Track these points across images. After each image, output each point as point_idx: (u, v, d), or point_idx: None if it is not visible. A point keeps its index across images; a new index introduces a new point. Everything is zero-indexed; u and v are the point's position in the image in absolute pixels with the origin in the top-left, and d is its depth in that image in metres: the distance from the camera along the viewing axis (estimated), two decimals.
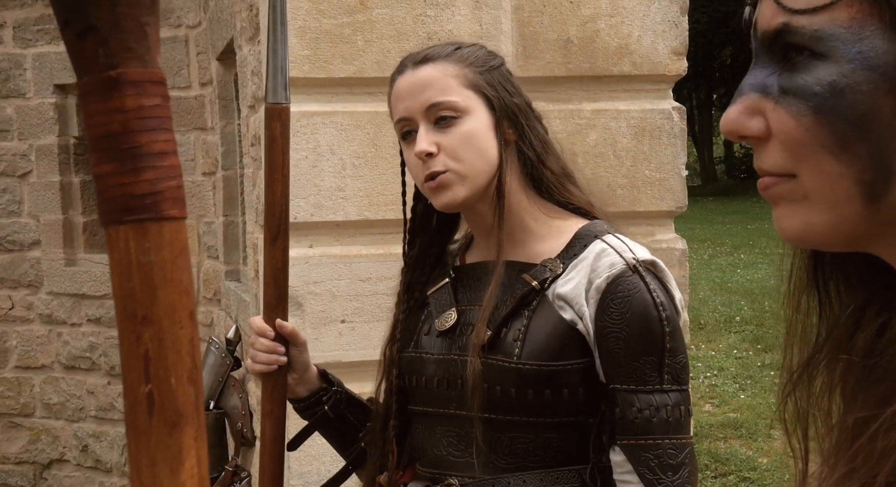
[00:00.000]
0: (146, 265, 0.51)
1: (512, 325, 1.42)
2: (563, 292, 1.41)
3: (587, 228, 1.46)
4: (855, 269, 0.67)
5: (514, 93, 1.49)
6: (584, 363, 1.40)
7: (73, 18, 0.50)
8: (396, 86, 1.50)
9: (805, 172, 0.61)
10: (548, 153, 1.50)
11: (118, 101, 0.50)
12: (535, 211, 1.48)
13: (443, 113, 1.44)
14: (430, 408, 1.50)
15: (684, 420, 1.38)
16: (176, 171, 0.52)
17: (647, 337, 1.36)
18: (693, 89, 29.29)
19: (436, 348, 1.51)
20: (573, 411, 1.41)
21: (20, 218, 5.72)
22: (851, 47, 0.59)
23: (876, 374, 0.61)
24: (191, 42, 5.10)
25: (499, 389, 1.40)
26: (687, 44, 2.72)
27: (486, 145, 1.44)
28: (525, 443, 1.42)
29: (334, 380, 1.66)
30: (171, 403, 0.52)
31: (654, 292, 1.37)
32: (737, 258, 12.64)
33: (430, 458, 1.50)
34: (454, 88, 1.44)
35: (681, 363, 1.38)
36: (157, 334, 0.51)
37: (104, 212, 0.52)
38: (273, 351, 1.55)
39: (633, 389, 1.36)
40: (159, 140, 0.51)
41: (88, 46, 0.50)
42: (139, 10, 0.51)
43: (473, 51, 1.49)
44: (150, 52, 0.51)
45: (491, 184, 1.45)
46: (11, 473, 5.78)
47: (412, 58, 1.49)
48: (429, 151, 1.43)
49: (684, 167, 2.71)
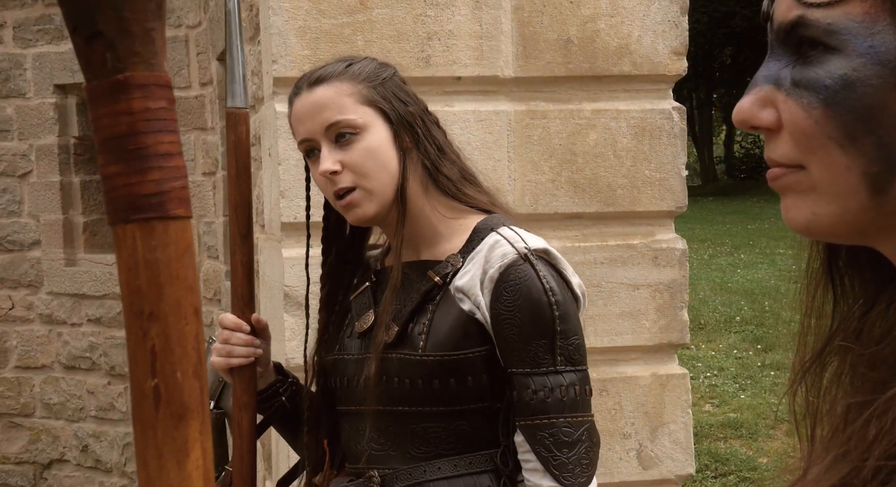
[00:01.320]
0: (152, 262, 0.53)
1: (417, 320, 1.50)
2: (461, 284, 1.48)
3: (484, 222, 1.53)
4: (868, 263, 0.68)
5: (408, 101, 1.54)
6: (485, 350, 1.46)
7: (81, 24, 0.52)
8: (294, 109, 1.55)
9: (813, 164, 0.62)
10: (443, 158, 1.56)
11: (125, 104, 0.52)
12: (438, 212, 1.55)
13: (342, 130, 1.49)
14: (352, 406, 1.57)
15: (580, 399, 1.44)
16: (181, 172, 0.54)
17: (538, 321, 1.42)
18: (693, 89, 29.29)
19: (355, 349, 1.58)
20: (479, 397, 1.48)
21: (20, 218, 5.72)
22: (863, 41, 0.60)
23: (873, 362, 0.62)
24: (191, 42, 5.10)
25: (407, 382, 1.48)
26: (687, 44, 2.72)
27: (387, 158, 1.50)
28: (437, 432, 1.49)
29: (289, 373, 1.73)
30: (178, 397, 0.53)
31: (544, 278, 1.43)
32: (737, 258, 12.64)
33: (355, 454, 1.57)
34: (350, 106, 1.50)
35: (573, 344, 1.44)
36: (164, 330, 0.53)
37: (112, 212, 0.53)
38: (251, 345, 1.62)
39: (528, 372, 1.43)
40: (165, 141, 0.53)
41: (96, 51, 0.52)
42: (145, 15, 0.52)
43: (364, 66, 1.54)
44: (156, 56, 0.53)
45: (395, 192, 1.52)
46: (11, 473, 5.78)
47: (306, 79, 1.55)
48: (333, 169, 1.49)
49: (684, 167, 2.72)
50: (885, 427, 0.56)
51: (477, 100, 2.60)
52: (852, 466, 0.58)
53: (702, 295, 9.69)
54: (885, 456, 0.55)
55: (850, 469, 0.58)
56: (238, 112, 1.61)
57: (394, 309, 1.52)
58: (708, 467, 5.50)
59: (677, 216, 2.72)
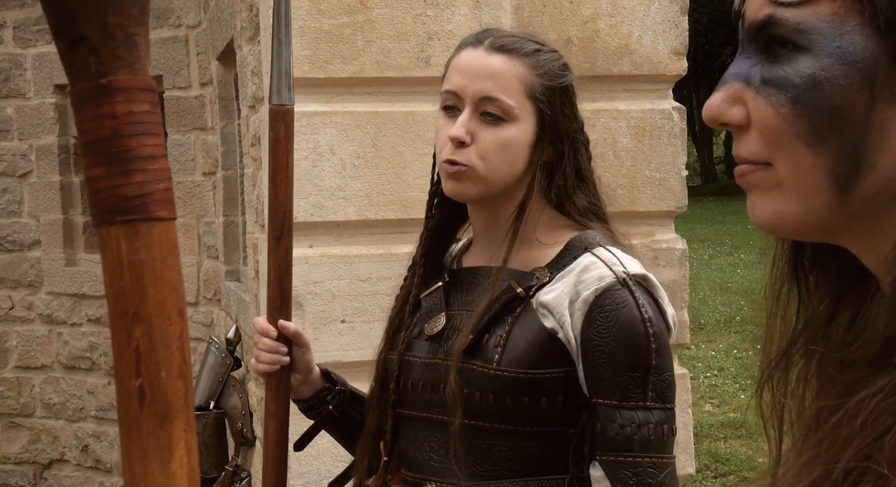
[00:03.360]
0: (136, 264, 0.54)
1: (494, 331, 1.41)
2: (546, 300, 1.39)
3: (578, 239, 1.44)
4: (833, 262, 0.69)
5: (571, 116, 1.46)
6: (565, 372, 1.38)
7: (64, 29, 0.52)
8: (461, 58, 1.45)
9: (780, 161, 0.63)
10: (579, 186, 1.48)
11: (109, 107, 0.53)
12: (543, 224, 1.47)
13: (492, 109, 1.41)
14: (414, 412, 1.50)
15: (667, 439, 1.35)
16: (165, 174, 0.55)
17: (633, 352, 1.34)
18: (693, 89, 29.29)
19: (422, 351, 1.50)
20: (552, 421, 1.39)
21: (20, 218, 5.72)
22: (831, 42, 0.60)
23: (843, 365, 0.62)
24: (191, 42, 5.10)
25: (477, 395, 1.39)
26: (687, 44, 2.72)
27: (516, 158, 1.42)
28: (503, 451, 1.40)
29: (337, 380, 1.66)
30: (162, 396, 0.54)
31: (643, 307, 1.35)
32: (737, 258, 12.64)
33: (413, 462, 1.50)
34: (515, 92, 1.41)
35: (666, 381, 1.36)
36: (148, 330, 0.54)
37: (96, 214, 0.54)
38: (275, 351, 1.56)
39: (616, 405, 1.34)
40: (149, 144, 0.54)
41: (80, 55, 0.53)
42: (128, 20, 0.53)
43: (551, 60, 1.45)
44: (139, 60, 0.54)
45: (504, 192, 1.44)
46: (11, 473, 5.78)
47: (492, 38, 1.44)
48: (461, 140, 1.41)
49: (684, 167, 2.72)
50: (855, 430, 0.56)
51: None
52: (823, 468, 0.58)
53: (702, 295, 9.70)
54: (855, 459, 0.55)
55: (821, 471, 0.58)
56: (279, 109, 1.56)
57: (471, 314, 1.45)
58: (708, 467, 5.50)
59: (677, 216, 2.72)
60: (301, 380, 1.61)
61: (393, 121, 2.56)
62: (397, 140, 2.55)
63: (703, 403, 6.58)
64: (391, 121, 2.56)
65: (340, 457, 1.71)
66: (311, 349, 1.62)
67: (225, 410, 3.83)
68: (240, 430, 3.73)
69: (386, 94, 2.57)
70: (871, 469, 0.54)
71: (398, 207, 2.51)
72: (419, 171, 2.55)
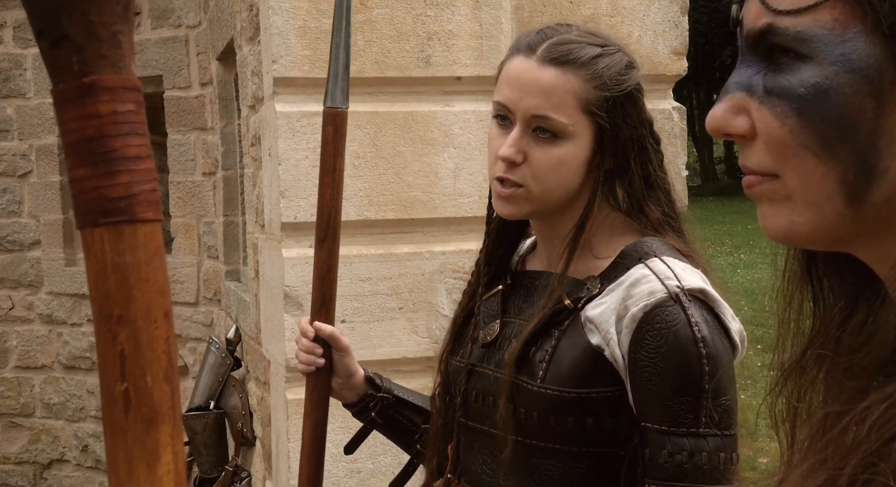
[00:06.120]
0: (121, 266, 0.52)
1: (541, 345, 1.34)
2: (593, 315, 1.31)
3: (634, 247, 1.35)
4: (847, 266, 0.68)
5: (634, 123, 1.36)
6: (613, 392, 1.29)
7: (46, 28, 0.51)
8: (513, 68, 1.36)
9: (788, 173, 0.62)
10: (649, 195, 1.39)
11: (92, 107, 0.52)
12: (603, 230, 1.39)
13: (545, 126, 1.33)
14: (469, 422, 1.45)
15: (724, 468, 1.24)
16: (150, 175, 0.54)
17: (684, 375, 1.23)
18: (693, 89, 29.28)
19: (476, 359, 1.45)
20: (601, 441, 1.31)
21: (20, 218, 5.72)
22: (834, 49, 0.59)
23: (851, 370, 0.62)
24: (191, 42, 5.10)
25: (523, 412, 1.33)
26: (687, 44, 2.72)
27: (572, 175, 1.35)
28: (550, 470, 1.33)
29: (382, 385, 1.63)
30: (148, 401, 0.53)
31: (696, 325, 1.24)
32: (737, 258, 12.63)
33: (470, 473, 1.46)
34: (569, 109, 1.32)
35: (723, 406, 1.24)
36: (133, 333, 0.52)
37: (80, 215, 0.53)
38: (311, 352, 1.56)
39: (665, 430, 1.24)
40: (133, 144, 0.53)
41: (62, 55, 0.52)
42: (112, 19, 0.52)
43: (612, 64, 1.35)
44: (123, 59, 0.53)
45: (561, 207, 1.38)
46: (11, 473, 5.78)
47: (546, 48, 1.34)
48: (513, 160, 1.33)
49: (684, 167, 2.71)
50: (861, 436, 0.56)
51: (477, 100, 2.60)
52: (829, 474, 0.57)
53: None
54: (861, 466, 0.55)
55: (827, 477, 0.57)
56: (330, 111, 1.57)
57: (524, 323, 1.38)
58: None
59: None
60: (342, 384, 1.59)
61: (393, 121, 2.56)
62: (397, 140, 2.55)
63: None
64: (391, 121, 2.55)
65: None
66: (352, 353, 1.59)
67: (225, 410, 3.83)
68: (240, 430, 3.73)
69: (386, 94, 2.57)
70: (878, 480, 0.54)
71: (398, 207, 2.50)
72: (419, 171, 2.55)
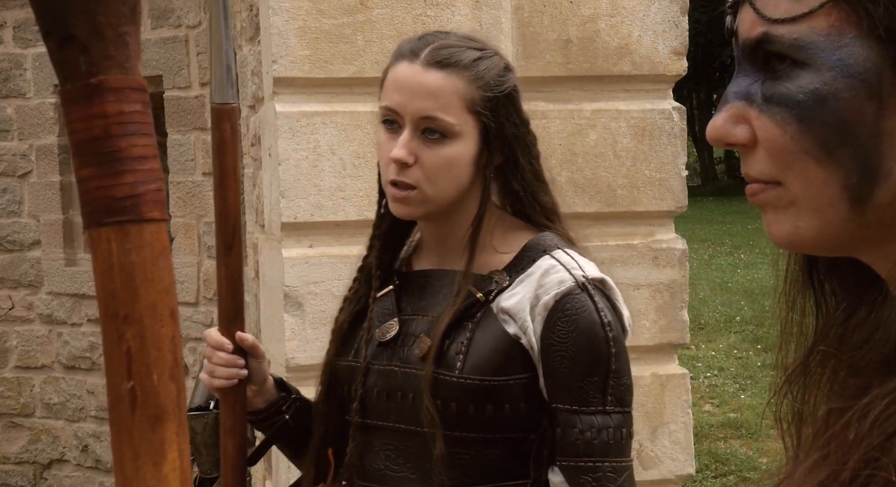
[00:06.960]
0: (127, 265, 0.53)
1: (455, 338, 1.39)
2: (508, 306, 1.38)
3: (536, 241, 1.43)
4: (849, 267, 0.68)
5: (516, 122, 1.43)
6: (527, 378, 1.37)
7: (54, 28, 0.52)
8: (398, 73, 1.41)
9: (791, 179, 0.62)
10: (539, 186, 1.47)
11: (99, 107, 0.52)
12: (497, 227, 1.45)
13: (434, 127, 1.38)
14: (368, 420, 1.46)
15: (625, 442, 1.36)
16: (156, 175, 0.54)
17: (593, 357, 1.34)
18: (693, 89, 29.28)
19: (376, 358, 1.46)
20: (513, 427, 1.38)
21: (20, 218, 5.72)
22: (831, 55, 0.60)
23: (854, 368, 0.62)
24: (191, 42, 5.10)
25: (440, 403, 1.37)
26: (687, 44, 2.72)
27: (462, 173, 1.40)
28: (464, 459, 1.38)
29: (291, 388, 1.61)
30: (154, 399, 0.53)
31: (602, 311, 1.35)
32: (737, 258, 12.64)
33: (367, 471, 1.46)
34: (455, 109, 1.38)
35: (625, 385, 1.36)
36: (139, 332, 0.53)
37: (86, 215, 0.53)
38: (233, 365, 1.50)
39: (576, 410, 1.34)
40: (139, 144, 0.53)
41: (70, 55, 0.52)
42: (119, 19, 0.52)
43: (491, 67, 1.41)
44: (130, 59, 0.53)
45: (454, 205, 1.42)
46: (11, 473, 5.78)
47: (428, 52, 1.40)
48: (404, 161, 1.38)
49: (684, 167, 2.72)
50: (863, 432, 0.56)
51: None
52: (832, 469, 0.58)
53: (702, 295, 9.70)
54: (864, 461, 0.55)
55: (830, 472, 0.58)
56: (222, 108, 1.46)
57: (425, 320, 1.42)
58: (708, 467, 5.50)
59: (677, 216, 2.72)
60: (256, 392, 1.54)
61: None
62: None
63: (703, 403, 6.58)
64: None
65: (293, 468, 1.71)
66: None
67: None
68: None
69: None
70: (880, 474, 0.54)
71: None
72: None
